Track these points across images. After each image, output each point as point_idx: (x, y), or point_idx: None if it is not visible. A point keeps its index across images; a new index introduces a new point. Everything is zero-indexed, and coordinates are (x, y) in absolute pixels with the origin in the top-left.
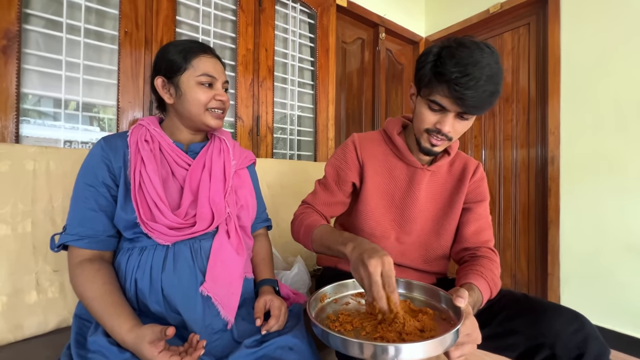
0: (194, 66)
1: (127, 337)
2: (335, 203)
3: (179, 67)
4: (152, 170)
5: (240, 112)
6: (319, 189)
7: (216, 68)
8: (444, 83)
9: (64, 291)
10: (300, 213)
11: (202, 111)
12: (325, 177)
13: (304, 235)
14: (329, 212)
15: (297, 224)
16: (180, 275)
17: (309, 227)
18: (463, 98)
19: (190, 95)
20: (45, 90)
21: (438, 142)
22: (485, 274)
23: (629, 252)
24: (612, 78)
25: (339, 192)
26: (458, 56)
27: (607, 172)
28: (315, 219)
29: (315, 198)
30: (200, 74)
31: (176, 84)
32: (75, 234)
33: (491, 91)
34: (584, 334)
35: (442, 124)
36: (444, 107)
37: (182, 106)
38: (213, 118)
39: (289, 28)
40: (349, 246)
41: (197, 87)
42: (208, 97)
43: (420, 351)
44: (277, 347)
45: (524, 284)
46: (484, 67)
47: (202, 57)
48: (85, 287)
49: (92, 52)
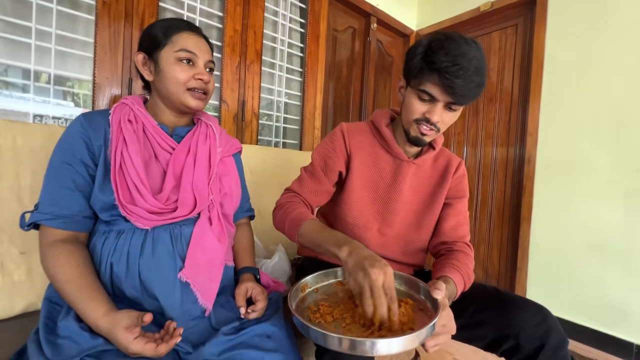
0: (174, 41)
1: (101, 321)
2: (322, 192)
3: (159, 42)
4: (134, 152)
5: (226, 96)
6: (306, 176)
7: (198, 45)
8: (435, 72)
9: (31, 274)
10: (285, 202)
11: (181, 90)
12: (312, 165)
13: (289, 228)
14: (315, 202)
15: (281, 214)
16: (158, 260)
17: (296, 220)
18: (452, 86)
19: (169, 72)
20: (13, 60)
21: (427, 131)
22: (461, 268)
23: (589, 252)
24: (589, 84)
25: (325, 180)
26: (447, 47)
27: (578, 175)
28: (302, 211)
29: (302, 186)
30: (179, 49)
31: (156, 60)
32: (49, 213)
33: (478, 82)
34: (546, 327)
35: (432, 113)
36: (433, 97)
37: (162, 84)
38: (193, 98)
39: (279, 11)
40: (344, 250)
41: (175, 63)
42: (187, 76)
43: (398, 345)
44: (255, 335)
45: (494, 277)
46: (472, 60)
47: (183, 33)
48: (58, 269)
49: (66, 21)
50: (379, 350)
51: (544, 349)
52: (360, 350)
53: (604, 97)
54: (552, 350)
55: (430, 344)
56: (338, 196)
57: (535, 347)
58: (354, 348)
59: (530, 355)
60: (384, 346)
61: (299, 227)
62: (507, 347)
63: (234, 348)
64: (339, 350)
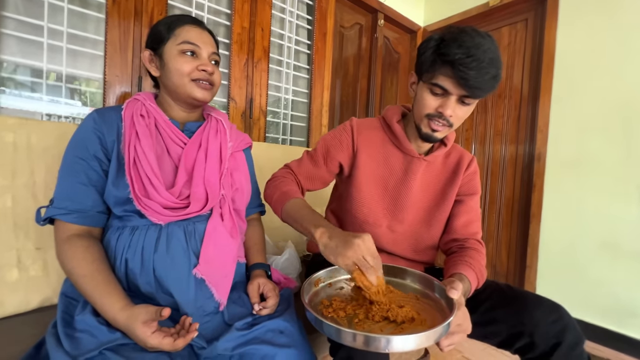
0: (176, 35)
1: (119, 315)
2: (317, 177)
3: (163, 37)
4: (147, 146)
5: (234, 93)
6: (306, 158)
7: (201, 37)
8: (448, 64)
9: (46, 269)
10: (279, 176)
11: (185, 81)
12: (315, 150)
13: (276, 201)
14: (308, 185)
15: (273, 187)
16: (173, 256)
17: (285, 194)
18: (466, 78)
19: (172, 64)
20: (25, 58)
21: (439, 127)
22: (474, 265)
23: (602, 249)
24: (600, 81)
25: (324, 166)
26: (461, 39)
27: (589, 172)
28: (292, 189)
29: (300, 167)
30: (181, 42)
31: (160, 55)
32: (64, 208)
33: (493, 74)
34: (562, 324)
35: (445, 107)
36: (446, 90)
37: (167, 78)
38: (199, 89)
39: (286, 8)
40: (320, 230)
41: (178, 56)
42: (191, 67)
43: (413, 342)
44: (268, 330)
45: (502, 275)
46: (486, 51)
47: (186, 26)
48: (74, 264)
49: (77, 20)
50: (393, 347)
51: (560, 347)
52: (374, 347)
53: (616, 92)
54: (568, 348)
55: (445, 343)
56: (347, 192)
57: (550, 345)
58: (368, 344)
59: (546, 353)
60: (398, 343)
61: (285, 202)
62: (521, 344)
63: (247, 343)
64: (353, 346)
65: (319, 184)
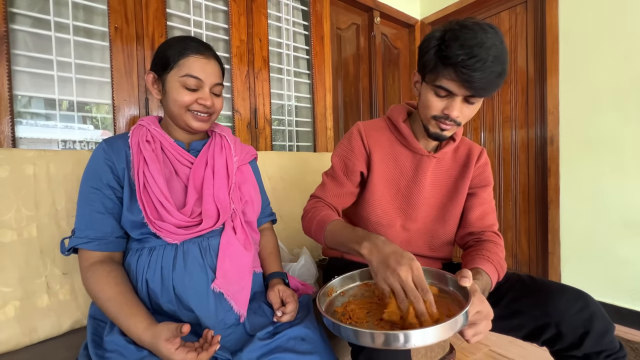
0: (180, 65)
1: (144, 335)
2: (344, 194)
3: (167, 65)
4: (155, 170)
5: (238, 106)
6: (327, 180)
7: (205, 69)
8: (450, 67)
9: (74, 293)
10: (310, 208)
11: (182, 111)
12: (333, 168)
13: (315, 231)
14: (339, 204)
15: (308, 219)
16: (191, 273)
17: (321, 222)
18: (470, 80)
19: (172, 94)
20: (38, 92)
21: (447, 126)
22: (492, 258)
23: (627, 229)
24: (611, 56)
25: (347, 182)
26: (462, 38)
27: (606, 151)
28: (326, 213)
29: (325, 191)
30: (184, 75)
31: (163, 81)
32: (85, 237)
33: (498, 72)
34: (589, 312)
35: (450, 109)
36: (451, 92)
37: (167, 104)
38: (195, 120)
39: (282, 16)
40: (366, 246)
41: (179, 87)
42: (190, 100)
43: (432, 336)
44: (290, 338)
45: (525, 264)
46: (490, 48)
47: (191, 57)
48: (99, 289)
49: (83, 50)
50: (413, 342)
51: (589, 336)
52: (394, 344)
53: (627, 67)
54: (597, 336)
55: (469, 333)
56: (360, 195)
57: (579, 334)
58: (388, 342)
59: (575, 343)
60: (418, 337)
61: (324, 229)
62: (547, 336)
63: (270, 352)
64: (373, 347)
65: (350, 199)
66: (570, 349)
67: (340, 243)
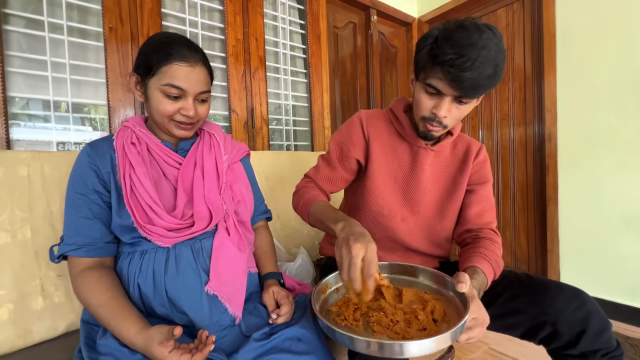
0: (162, 73)
1: (136, 339)
2: (336, 179)
3: (149, 69)
4: (142, 173)
5: (234, 105)
6: (322, 164)
7: (189, 77)
8: (438, 65)
9: (69, 295)
10: (301, 186)
11: (165, 120)
12: (329, 153)
13: (301, 208)
14: (329, 188)
15: (296, 197)
16: (183, 276)
17: (308, 201)
18: (458, 80)
19: (154, 102)
20: (33, 93)
21: (434, 128)
22: (489, 256)
23: (625, 226)
24: (608, 52)
25: (340, 168)
26: (455, 38)
27: (604, 148)
28: (314, 194)
29: (317, 173)
30: (165, 84)
31: (145, 85)
32: (73, 244)
33: (489, 73)
34: (586, 311)
35: (438, 108)
36: (439, 91)
37: (149, 110)
38: (177, 129)
39: (278, 15)
40: (340, 225)
41: (161, 96)
42: (172, 110)
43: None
44: (286, 339)
45: (523, 262)
46: (482, 49)
47: (174, 64)
48: (89, 295)
49: (78, 51)
50: (409, 353)
51: (585, 335)
52: (389, 353)
53: (625, 63)
54: (594, 335)
55: (462, 337)
56: (361, 184)
57: (575, 333)
58: (383, 351)
59: (572, 341)
60: (414, 348)
61: (309, 207)
62: (544, 334)
63: (266, 353)
64: (368, 353)
65: (341, 184)
66: (566, 348)
67: (320, 221)
